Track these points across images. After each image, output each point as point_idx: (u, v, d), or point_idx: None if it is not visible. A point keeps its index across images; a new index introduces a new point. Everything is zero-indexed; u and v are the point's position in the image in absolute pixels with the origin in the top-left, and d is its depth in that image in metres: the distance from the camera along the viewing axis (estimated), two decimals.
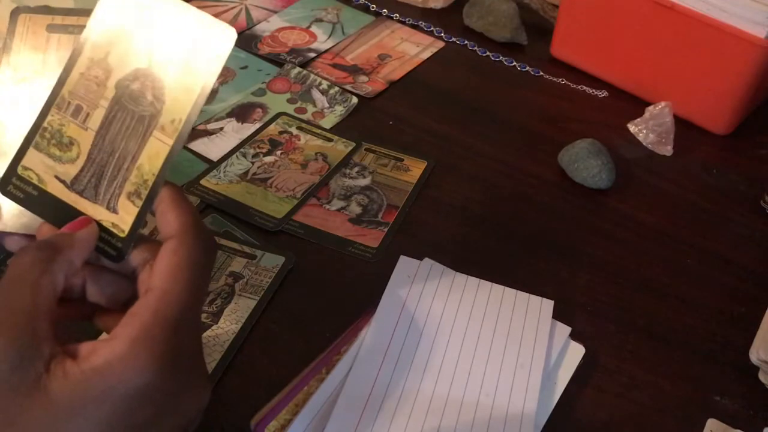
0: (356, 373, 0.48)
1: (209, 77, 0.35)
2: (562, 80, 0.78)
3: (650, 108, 0.72)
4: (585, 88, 0.78)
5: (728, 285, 0.59)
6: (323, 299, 0.54)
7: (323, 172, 0.63)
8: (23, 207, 0.38)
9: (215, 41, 0.35)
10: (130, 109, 0.36)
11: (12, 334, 0.31)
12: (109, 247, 0.37)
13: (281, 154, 0.65)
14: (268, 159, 0.64)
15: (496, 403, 0.48)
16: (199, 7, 0.36)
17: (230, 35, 0.35)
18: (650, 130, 0.71)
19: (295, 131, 0.67)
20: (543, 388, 0.49)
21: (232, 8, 0.83)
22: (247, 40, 0.78)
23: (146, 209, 0.36)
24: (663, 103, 0.71)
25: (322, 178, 0.63)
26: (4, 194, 0.38)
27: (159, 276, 0.34)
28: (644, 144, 0.71)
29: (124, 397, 0.31)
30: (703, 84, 0.71)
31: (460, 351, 0.50)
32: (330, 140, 0.67)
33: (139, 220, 0.36)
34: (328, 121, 0.69)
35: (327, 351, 0.49)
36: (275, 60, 0.76)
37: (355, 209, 0.61)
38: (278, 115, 0.69)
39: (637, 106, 0.74)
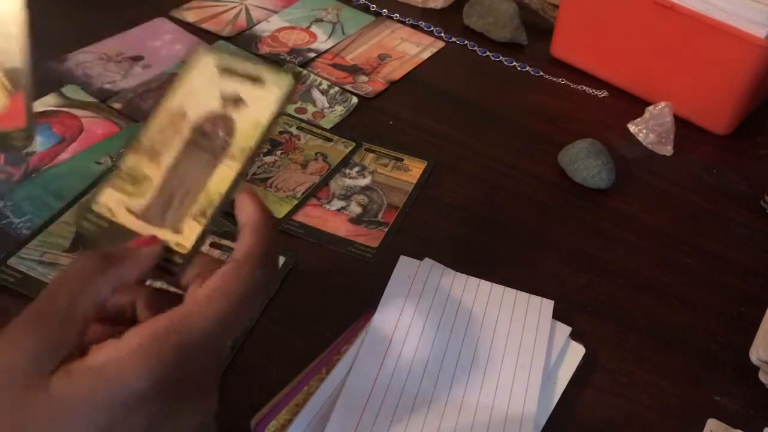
0: (356, 373, 0.48)
1: (277, 109, 0.37)
2: (562, 80, 0.78)
3: (650, 108, 0.72)
4: (585, 88, 0.78)
5: (728, 285, 0.59)
6: (323, 299, 0.54)
7: (323, 172, 0.63)
8: (95, 240, 0.39)
9: (281, 80, 0.37)
10: (203, 145, 0.38)
11: (40, 335, 0.31)
12: (169, 264, 0.37)
13: (281, 154, 0.65)
14: (268, 159, 0.64)
15: (496, 403, 0.48)
16: (199, 7, 0.36)
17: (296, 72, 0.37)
18: (650, 130, 0.71)
19: (295, 131, 0.67)
20: (543, 388, 0.49)
21: (232, 8, 0.83)
22: (247, 40, 0.78)
23: (210, 227, 0.37)
24: (663, 103, 0.71)
25: (322, 178, 0.63)
26: (79, 230, 0.39)
27: (197, 295, 0.34)
28: (644, 144, 0.71)
29: (119, 398, 0.31)
30: (703, 84, 0.71)
31: (460, 351, 0.50)
32: (330, 140, 0.67)
33: (203, 239, 0.37)
34: (328, 121, 0.69)
35: (327, 351, 0.49)
36: (275, 60, 0.76)
37: (355, 209, 0.61)
38: None
39: (637, 106, 0.74)
